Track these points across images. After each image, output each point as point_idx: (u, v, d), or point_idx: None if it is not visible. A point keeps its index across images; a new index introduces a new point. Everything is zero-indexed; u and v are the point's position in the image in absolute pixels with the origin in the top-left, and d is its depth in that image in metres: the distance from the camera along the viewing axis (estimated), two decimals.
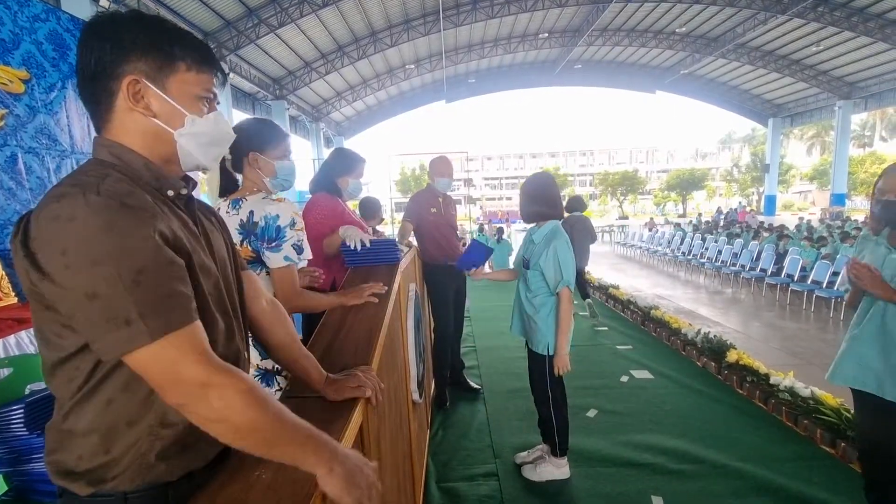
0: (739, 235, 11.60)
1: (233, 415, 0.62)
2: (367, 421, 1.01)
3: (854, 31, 15.55)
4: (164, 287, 0.61)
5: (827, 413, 2.59)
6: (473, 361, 4.10)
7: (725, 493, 2.19)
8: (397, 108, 24.38)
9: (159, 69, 0.70)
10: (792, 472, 2.32)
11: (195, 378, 0.61)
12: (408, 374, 1.91)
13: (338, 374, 1.00)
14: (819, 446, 2.57)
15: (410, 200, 3.34)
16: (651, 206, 39.19)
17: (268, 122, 1.51)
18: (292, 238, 1.35)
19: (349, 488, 0.65)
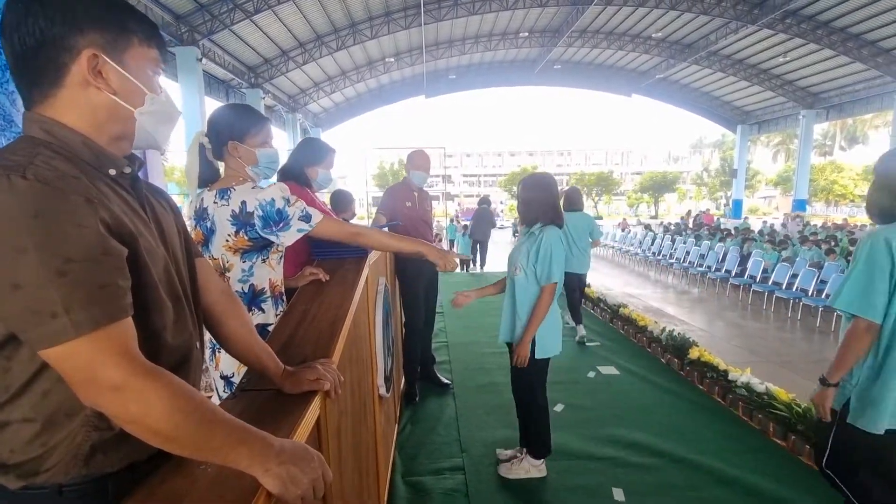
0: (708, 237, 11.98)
1: (151, 420, 0.58)
2: (326, 414, 1.00)
3: (818, 43, 16.23)
4: (95, 278, 0.57)
5: (779, 408, 2.71)
6: (445, 357, 4.11)
7: (683, 484, 2.27)
8: (376, 102, 24.11)
9: (115, 43, 0.67)
10: (746, 464, 2.42)
11: (110, 380, 0.57)
12: (374, 368, 1.90)
13: (296, 367, 0.98)
14: (771, 439, 2.70)
15: (385, 193, 3.32)
16: (625, 206, 40.07)
17: (245, 107, 1.47)
18: (295, 212, 1.36)
19: (288, 486, 0.63)
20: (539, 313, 2.12)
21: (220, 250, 1.40)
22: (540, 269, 2.12)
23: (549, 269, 2.11)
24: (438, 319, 5.24)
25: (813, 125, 21.29)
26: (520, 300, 2.19)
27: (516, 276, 2.19)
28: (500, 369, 3.81)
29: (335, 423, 1.11)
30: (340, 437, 1.18)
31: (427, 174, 3.16)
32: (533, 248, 2.15)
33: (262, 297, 1.40)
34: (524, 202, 2.22)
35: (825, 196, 31.30)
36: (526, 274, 2.16)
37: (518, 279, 2.19)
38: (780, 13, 15.02)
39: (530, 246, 2.16)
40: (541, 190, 2.19)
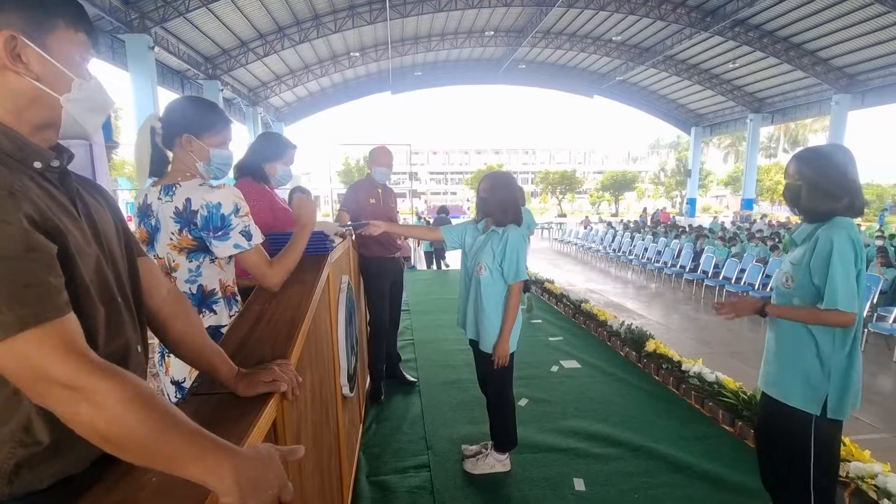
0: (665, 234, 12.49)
1: (102, 423, 0.54)
2: (283, 416, 0.97)
3: (764, 51, 17.22)
4: (20, 277, 0.53)
5: (728, 396, 2.87)
6: (411, 354, 4.10)
7: (639, 472, 2.36)
8: (341, 97, 23.70)
9: (37, 25, 0.63)
10: (697, 451, 2.55)
11: (60, 378, 0.53)
12: (337, 368, 1.87)
13: (251, 369, 0.95)
14: (721, 426, 2.85)
15: (348, 190, 3.27)
16: (587, 204, 41.19)
17: (211, 105, 1.40)
18: (238, 225, 1.30)
19: (249, 499, 0.58)
20: (512, 313, 2.16)
21: (165, 249, 1.33)
22: (507, 267, 2.15)
23: (517, 267, 2.15)
24: (405, 317, 5.22)
25: (759, 128, 22.58)
26: (485, 299, 2.20)
27: (481, 275, 2.20)
28: (467, 366, 3.83)
29: (294, 425, 1.08)
30: (300, 440, 1.15)
31: (390, 171, 3.14)
32: (498, 248, 2.16)
33: (213, 298, 1.34)
34: (484, 201, 2.22)
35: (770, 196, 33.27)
36: (491, 272, 2.18)
37: (483, 278, 2.20)
38: (729, 21, 15.83)
39: (495, 245, 2.18)
40: (502, 189, 2.20)
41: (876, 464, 2.12)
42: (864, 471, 2.07)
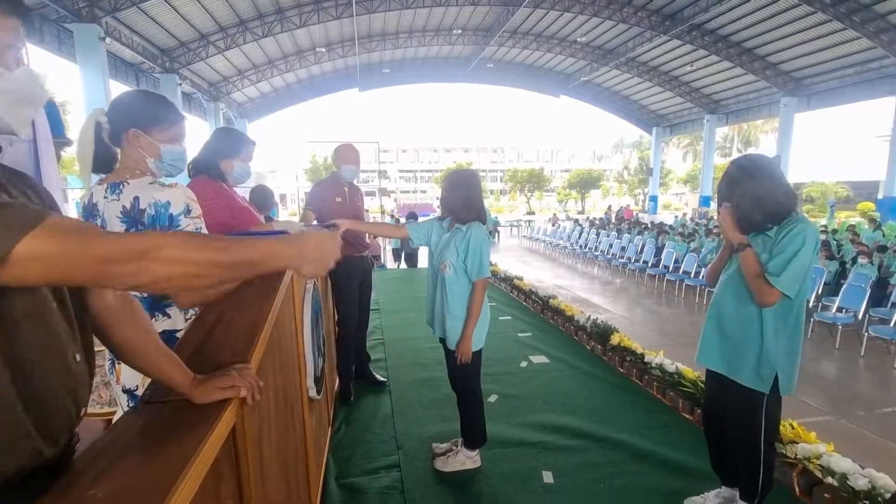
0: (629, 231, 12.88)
1: (182, 268, 0.59)
2: (244, 422, 0.94)
3: (719, 55, 18.01)
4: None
5: (687, 385, 2.99)
6: (381, 354, 4.07)
7: (604, 462, 2.43)
8: (307, 93, 23.20)
9: None
10: (659, 439, 2.65)
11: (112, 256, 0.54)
12: (303, 371, 1.83)
13: (208, 375, 0.91)
14: (681, 414, 2.96)
15: (314, 188, 3.21)
16: (555, 202, 41.96)
17: (160, 98, 1.32)
18: (189, 227, 1.24)
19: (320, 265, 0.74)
20: (476, 309, 2.17)
21: None
22: (471, 265, 2.16)
23: (480, 264, 2.17)
24: (374, 317, 5.17)
25: (715, 129, 23.61)
26: (451, 297, 2.21)
27: (446, 273, 2.21)
28: (438, 364, 3.83)
29: (255, 430, 1.05)
30: (262, 445, 1.12)
31: (357, 168, 3.09)
32: (461, 246, 2.18)
33: (167, 301, 1.28)
34: (446, 199, 2.24)
35: None
36: (455, 271, 2.19)
37: (448, 277, 2.20)
38: (687, 26, 16.46)
39: (458, 243, 2.19)
40: (463, 187, 2.21)
41: (821, 444, 2.26)
42: (811, 452, 2.20)
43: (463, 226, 2.20)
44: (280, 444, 1.36)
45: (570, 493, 2.21)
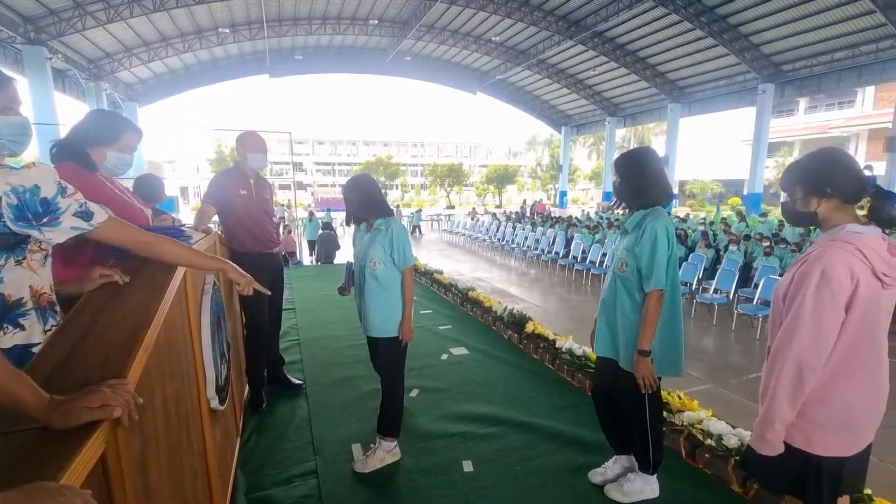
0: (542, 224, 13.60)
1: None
2: (118, 447, 0.82)
3: (617, 62, 19.64)
4: None
5: (592, 367, 3.22)
6: (296, 356, 3.87)
7: (521, 446, 2.53)
8: (209, 77, 21.25)
9: None
10: (569, 419, 2.82)
11: None
12: (202, 380, 1.67)
13: (71, 395, 0.77)
14: (587, 394, 3.19)
15: (213, 180, 2.92)
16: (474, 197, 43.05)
17: None
18: (70, 206, 1.05)
19: None
20: (410, 294, 2.32)
21: None
22: (397, 257, 2.27)
23: (404, 254, 2.28)
24: (288, 316, 4.91)
25: (615, 130, 25.76)
26: (382, 290, 2.29)
27: (376, 270, 2.26)
28: (358, 362, 3.74)
29: (135, 454, 0.92)
30: (148, 470, 0.99)
31: (265, 157, 2.87)
32: (385, 241, 2.26)
33: (21, 309, 1.07)
34: (349, 205, 2.35)
35: None
36: (385, 265, 2.27)
37: (379, 272, 2.27)
38: (590, 33, 17.71)
39: (382, 239, 2.27)
40: (357, 190, 2.32)
41: (702, 411, 2.56)
42: (694, 418, 2.49)
43: (383, 224, 2.30)
44: (173, 464, 1.22)
45: (488, 479, 2.27)
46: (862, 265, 1.22)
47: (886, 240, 1.27)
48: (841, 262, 1.22)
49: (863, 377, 1.29)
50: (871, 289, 1.23)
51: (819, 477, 1.33)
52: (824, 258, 1.24)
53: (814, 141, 27.64)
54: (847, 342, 1.25)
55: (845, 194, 1.30)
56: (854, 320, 1.24)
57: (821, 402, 1.29)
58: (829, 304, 1.22)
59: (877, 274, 1.23)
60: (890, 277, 1.24)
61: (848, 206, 1.31)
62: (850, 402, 1.29)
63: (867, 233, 1.26)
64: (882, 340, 1.30)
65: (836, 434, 1.30)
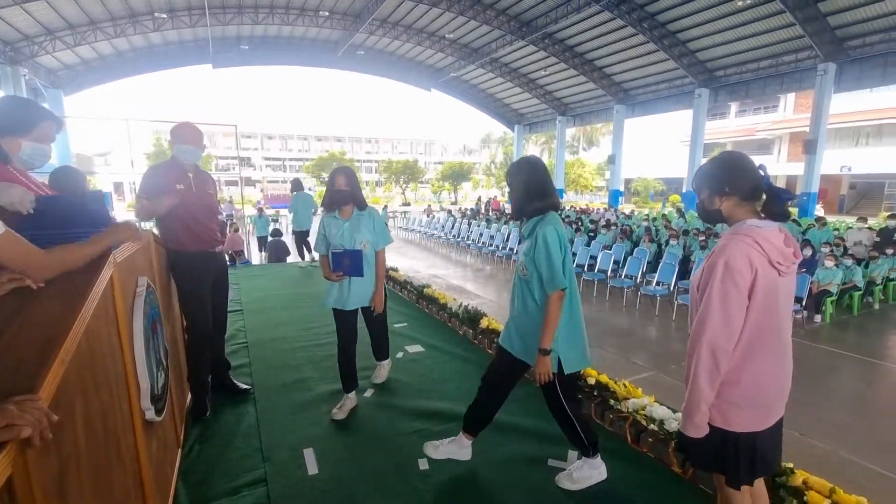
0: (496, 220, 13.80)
1: None
2: (28, 470, 0.74)
3: (567, 63, 20.24)
4: None
5: None
6: (244, 359, 3.70)
7: (476, 440, 2.54)
8: (145, 65, 19.83)
9: None
10: (519, 410, 2.87)
11: None
12: (135, 390, 1.55)
13: None
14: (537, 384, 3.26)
15: (147, 173, 2.72)
16: (429, 193, 43.05)
17: None
18: None
19: None
20: (383, 271, 2.93)
21: None
22: (382, 238, 2.88)
23: (386, 236, 2.91)
24: (235, 318, 4.70)
25: (565, 129, 26.57)
26: (371, 266, 2.82)
27: (366, 249, 2.78)
28: (310, 363, 3.63)
29: (51, 475, 0.84)
30: (67, 492, 0.90)
31: (197, 149, 2.69)
32: (370, 225, 2.84)
33: None
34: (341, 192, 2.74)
35: (574, 186, 39.64)
36: (372, 246, 2.84)
37: (366, 252, 2.78)
38: (540, 34, 18.12)
39: (367, 223, 2.83)
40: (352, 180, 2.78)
41: (645, 398, 2.69)
42: (638, 405, 2.61)
43: (363, 212, 2.81)
44: (100, 484, 1.13)
45: (443, 474, 2.28)
46: (759, 255, 1.34)
47: (783, 232, 1.41)
48: (740, 253, 1.34)
49: (768, 358, 1.41)
50: (768, 276, 1.36)
51: (737, 452, 1.44)
52: (726, 251, 1.36)
53: (743, 142, 29.86)
54: (752, 326, 1.37)
55: (743, 193, 1.43)
56: (756, 305, 1.36)
57: (733, 383, 1.41)
58: (733, 291, 1.34)
59: (772, 263, 1.35)
60: (784, 265, 1.37)
61: (747, 204, 1.44)
62: (758, 381, 1.41)
63: (765, 226, 1.38)
64: (783, 323, 1.43)
65: (748, 410, 1.42)
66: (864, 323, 6.00)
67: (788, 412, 1.56)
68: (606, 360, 4.55)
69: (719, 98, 18.49)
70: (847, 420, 3.37)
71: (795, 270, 1.44)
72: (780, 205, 1.42)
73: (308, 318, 4.78)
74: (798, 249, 1.42)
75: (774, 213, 1.43)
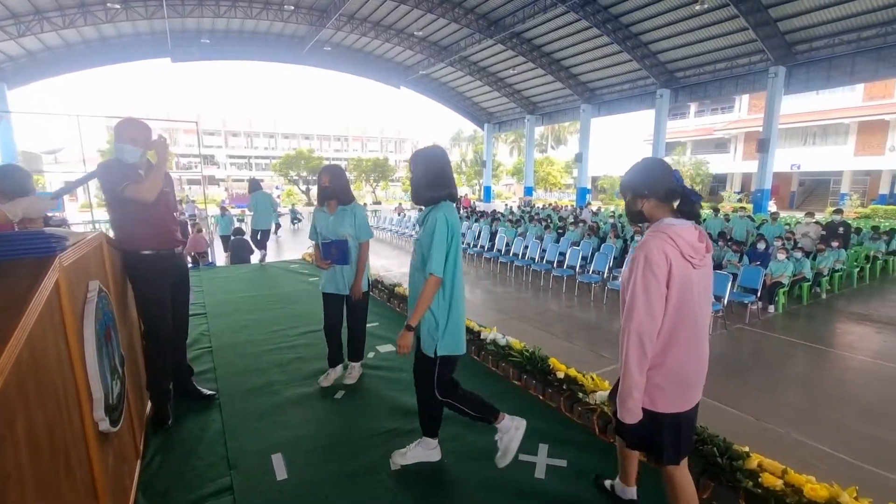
0: (468, 218, 13.86)
1: None
2: None
3: (534, 63, 20.52)
4: None
5: (515, 355, 3.35)
6: (208, 364, 3.57)
7: (447, 438, 2.55)
8: (98, 58, 18.83)
9: None
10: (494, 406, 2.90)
11: None
12: (86, 401, 1.47)
13: None
14: (511, 381, 3.31)
15: (104, 172, 2.55)
16: (400, 192, 42.79)
17: None
18: None
19: None
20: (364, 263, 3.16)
21: None
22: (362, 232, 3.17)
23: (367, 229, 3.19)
24: (198, 322, 4.54)
25: (534, 128, 26.95)
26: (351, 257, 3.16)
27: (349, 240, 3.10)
28: (277, 366, 3.55)
29: None
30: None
31: (139, 148, 2.49)
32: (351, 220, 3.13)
33: None
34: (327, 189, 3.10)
35: (543, 184, 40.30)
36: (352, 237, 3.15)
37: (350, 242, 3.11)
38: (508, 33, 18.30)
39: (349, 218, 3.13)
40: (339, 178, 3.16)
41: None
42: (605, 397, 2.68)
43: (347, 206, 3.10)
44: (47, 500, 1.06)
45: (415, 474, 2.27)
46: (673, 249, 1.51)
47: (697, 229, 1.58)
48: (656, 248, 1.51)
49: (687, 342, 1.56)
50: (682, 269, 1.52)
51: (663, 432, 1.60)
52: (646, 246, 1.53)
53: (702, 141, 31.09)
54: (671, 314, 1.53)
55: (659, 195, 1.60)
56: (674, 294, 1.52)
57: (658, 367, 1.56)
58: (653, 282, 1.50)
59: (685, 256, 1.52)
60: (696, 258, 1.54)
61: (664, 204, 1.61)
62: (680, 364, 1.56)
63: (680, 224, 1.55)
64: (700, 311, 1.58)
65: (672, 392, 1.57)
66: (813, 312, 6.37)
67: (746, 398, 1.64)
68: (575, 353, 4.64)
69: (679, 98, 19.18)
70: (799, 404, 3.56)
71: (710, 263, 1.62)
72: (690, 205, 1.59)
73: (275, 321, 4.67)
74: (710, 244, 1.60)
75: (686, 212, 1.59)
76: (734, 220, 10.15)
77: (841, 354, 4.82)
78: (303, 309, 5.08)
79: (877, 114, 22.85)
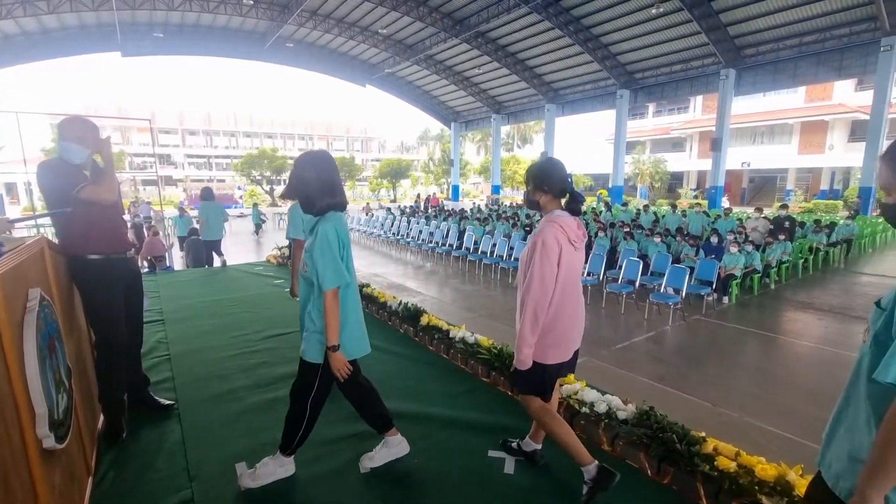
0: (436, 217, 13.86)
1: None
2: None
3: (499, 62, 20.74)
4: None
5: (483, 353, 3.38)
6: (165, 373, 3.42)
7: (417, 437, 2.54)
8: (39, 52, 17.69)
9: None
10: (463, 404, 2.92)
11: None
12: (27, 418, 1.37)
13: None
14: (480, 378, 3.33)
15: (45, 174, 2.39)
16: (368, 191, 42.31)
17: None
18: None
19: None
20: None
21: None
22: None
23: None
24: (155, 329, 4.35)
25: (500, 127, 27.25)
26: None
27: None
28: (242, 372, 3.44)
29: None
30: None
31: (85, 148, 2.36)
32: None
33: None
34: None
35: (510, 183, 40.85)
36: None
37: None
38: (473, 32, 18.42)
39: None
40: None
41: (577, 383, 2.83)
42: (571, 391, 2.74)
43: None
44: None
45: (386, 475, 2.25)
46: (563, 236, 1.88)
47: (577, 221, 1.96)
48: (551, 234, 1.86)
49: (570, 309, 1.98)
50: (567, 250, 1.89)
51: (544, 377, 1.99)
52: (542, 232, 1.87)
53: (660, 140, 32.31)
54: (560, 287, 1.90)
55: (554, 191, 1.94)
56: (562, 273, 1.88)
57: (550, 331, 1.94)
58: (547, 263, 1.84)
59: (570, 241, 1.90)
60: (577, 243, 1.94)
61: (557, 200, 1.96)
62: (566, 327, 1.98)
63: (565, 216, 1.93)
64: (577, 283, 2.01)
65: (556, 349, 1.98)
66: (764, 302, 6.74)
67: (703, 385, 1.73)
68: None
69: (638, 99, 19.86)
70: (751, 389, 3.76)
71: (583, 247, 2.01)
72: (576, 203, 1.96)
73: (238, 325, 4.52)
74: (585, 233, 2.00)
75: (572, 209, 1.96)
76: (690, 216, 10.60)
77: (788, 341, 5.12)
78: (267, 312, 4.93)
79: (817, 115, 24.43)
